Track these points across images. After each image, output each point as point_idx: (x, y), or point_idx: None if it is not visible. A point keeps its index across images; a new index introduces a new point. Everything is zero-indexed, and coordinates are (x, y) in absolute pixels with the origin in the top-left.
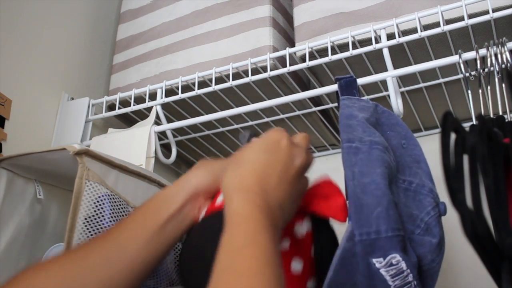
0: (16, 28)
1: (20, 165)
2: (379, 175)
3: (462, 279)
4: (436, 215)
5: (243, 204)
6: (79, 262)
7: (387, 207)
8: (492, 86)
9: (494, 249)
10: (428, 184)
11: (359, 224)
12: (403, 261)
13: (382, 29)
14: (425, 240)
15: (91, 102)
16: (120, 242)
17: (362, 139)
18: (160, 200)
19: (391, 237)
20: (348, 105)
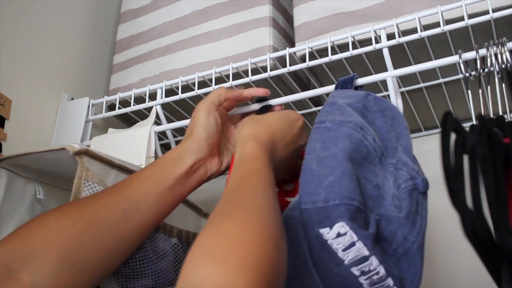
0: (16, 28)
1: (20, 165)
2: (339, 148)
3: (462, 279)
4: (407, 188)
5: (254, 148)
6: (99, 215)
7: (341, 177)
8: (492, 86)
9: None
10: (403, 157)
11: (306, 193)
12: (351, 230)
13: (382, 29)
14: (392, 215)
15: (91, 102)
16: (135, 199)
17: (334, 120)
18: (173, 157)
19: (338, 205)
20: (334, 95)
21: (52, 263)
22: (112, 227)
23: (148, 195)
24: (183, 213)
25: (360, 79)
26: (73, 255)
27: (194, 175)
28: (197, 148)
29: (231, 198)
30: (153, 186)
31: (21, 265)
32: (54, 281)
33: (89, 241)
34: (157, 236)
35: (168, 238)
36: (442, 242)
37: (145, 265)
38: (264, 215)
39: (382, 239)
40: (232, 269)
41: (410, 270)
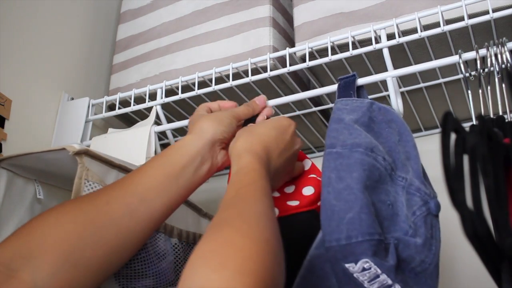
0: (16, 28)
1: (20, 165)
2: (354, 179)
3: (462, 279)
4: (422, 215)
5: (251, 160)
6: (101, 210)
7: (359, 212)
8: (492, 86)
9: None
10: (415, 182)
11: (329, 230)
12: (375, 265)
13: (382, 29)
14: (410, 241)
15: (91, 102)
16: (139, 192)
17: (344, 143)
18: (177, 148)
19: (361, 242)
20: (339, 108)
21: (54, 261)
22: (116, 222)
23: (153, 188)
24: (183, 213)
25: (360, 79)
26: (75, 252)
27: (202, 165)
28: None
29: (229, 208)
30: (158, 178)
31: (21, 264)
32: (56, 280)
33: (91, 237)
34: (157, 236)
35: (168, 238)
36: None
37: (146, 266)
38: (261, 224)
39: (401, 260)
40: (231, 275)
41: (428, 283)
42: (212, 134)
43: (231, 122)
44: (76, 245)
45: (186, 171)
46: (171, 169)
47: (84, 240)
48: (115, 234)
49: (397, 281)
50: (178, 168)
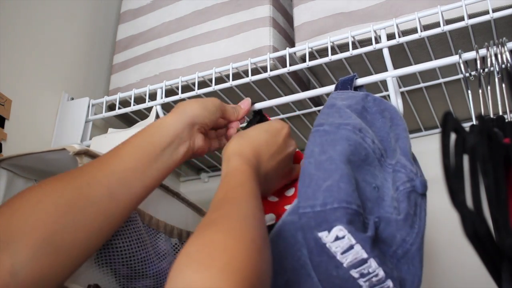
0: (16, 28)
1: (20, 165)
2: (337, 151)
3: (462, 279)
4: (405, 190)
5: (240, 163)
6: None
7: (339, 180)
8: (492, 86)
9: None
10: (401, 159)
11: (305, 197)
12: (349, 233)
13: (382, 29)
14: (391, 218)
15: (91, 102)
16: (119, 172)
17: (333, 122)
18: (157, 127)
19: (336, 209)
20: (334, 96)
21: (34, 245)
22: (96, 204)
23: (132, 169)
24: (183, 213)
25: (360, 79)
26: (55, 235)
27: (179, 146)
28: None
29: (216, 209)
30: (138, 158)
31: (1, 248)
32: (35, 263)
33: (72, 220)
34: (158, 236)
35: (168, 238)
36: (442, 242)
37: (146, 266)
38: (247, 224)
39: (381, 241)
40: (216, 274)
41: (410, 271)
42: (193, 116)
43: (215, 110)
44: (57, 228)
45: (166, 152)
46: (151, 150)
47: (64, 223)
48: (95, 216)
49: (373, 256)
50: (159, 149)
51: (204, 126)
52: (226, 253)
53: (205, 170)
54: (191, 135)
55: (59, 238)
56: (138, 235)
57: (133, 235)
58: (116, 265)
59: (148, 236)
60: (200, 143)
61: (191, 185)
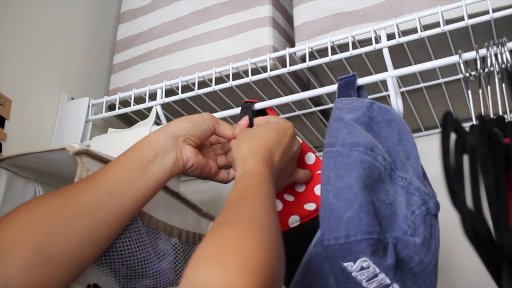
0: (16, 28)
1: (20, 165)
2: (353, 178)
3: (462, 279)
4: (421, 214)
5: (257, 163)
6: (69, 203)
7: (358, 210)
8: (492, 86)
9: (494, 249)
10: (415, 182)
11: (328, 229)
12: (373, 264)
13: (382, 29)
14: (409, 241)
15: (91, 102)
16: (107, 185)
17: (344, 142)
18: (142, 143)
19: (360, 241)
20: (339, 107)
21: (24, 257)
22: (84, 215)
23: (120, 181)
24: (183, 213)
25: (360, 79)
26: (46, 246)
27: (165, 158)
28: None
29: (231, 209)
30: (126, 172)
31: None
32: (27, 276)
33: (61, 231)
34: (157, 236)
35: (168, 238)
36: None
37: (146, 265)
38: (263, 224)
39: (399, 260)
40: (232, 272)
41: (426, 283)
42: (174, 128)
43: (201, 122)
44: (46, 239)
45: (153, 165)
46: (138, 163)
47: (54, 234)
48: (85, 227)
49: (396, 281)
50: (145, 162)
51: (191, 138)
52: (242, 252)
53: None
54: (177, 146)
55: (49, 249)
56: (138, 235)
57: (133, 235)
58: (116, 265)
59: (148, 236)
60: (190, 154)
61: (191, 185)
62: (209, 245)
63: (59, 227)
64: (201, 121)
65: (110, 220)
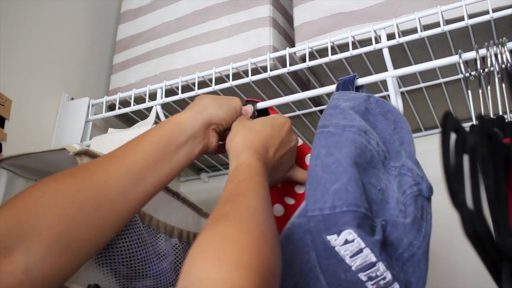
0: (16, 28)
1: (20, 165)
2: (344, 154)
3: (462, 279)
4: (412, 194)
5: (250, 157)
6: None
7: (347, 183)
8: (492, 86)
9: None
10: (408, 163)
11: (313, 200)
12: (359, 237)
13: (382, 29)
14: (398, 221)
15: (91, 102)
16: (135, 172)
17: (338, 124)
18: (174, 124)
19: (346, 212)
20: (336, 98)
21: (47, 244)
22: (110, 203)
23: (148, 167)
24: (183, 213)
25: (360, 79)
26: (68, 234)
27: (197, 145)
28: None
29: (226, 203)
30: (155, 155)
31: (15, 243)
32: (47, 262)
33: (86, 218)
34: (158, 236)
35: (169, 238)
36: (442, 242)
37: (146, 266)
38: (257, 217)
39: (388, 244)
40: (228, 267)
41: (415, 274)
42: (210, 115)
43: (234, 113)
44: (71, 226)
45: (181, 151)
46: (166, 148)
47: (78, 221)
48: (108, 214)
49: (382, 259)
50: (174, 147)
51: (220, 127)
52: (237, 247)
53: (205, 170)
54: (206, 134)
55: (71, 236)
56: (138, 236)
57: (133, 235)
58: (116, 265)
59: (148, 236)
60: (214, 143)
61: (191, 185)
62: (205, 241)
63: (85, 215)
64: (234, 111)
65: (133, 206)
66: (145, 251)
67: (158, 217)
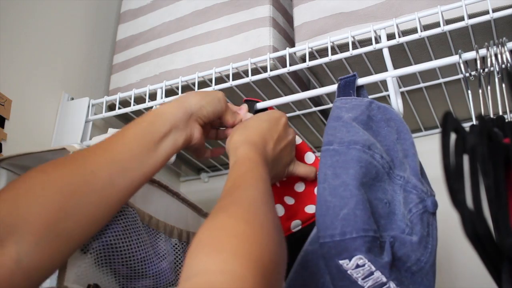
0: (16, 28)
1: (20, 165)
2: (350, 175)
3: (462, 279)
4: (418, 212)
5: (248, 150)
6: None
7: (354, 208)
8: (492, 86)
9: (494, 249)
10: (412, 180)
11: (323, 226)
12: (369, 262)
13: (382, 29)
14: (406, 239)
15: (91, 102)
16: (122, 162)
17: (342, 140)
18: (156, 115)
19: (355, 238)
20: (339, 106)
21: (37, 233)
22: (98, 193)
23: (134, 157)
24: (183, 213)
25: (360, 79)
26: (59, 224)
27: (179, 136)
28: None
29: (225, 197)
30: (140, 146)
31: (6, 234)
32: (38, 251)
33: (75, 208)
34: (158, 236)
35: (168, 238)
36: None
37: (146, 266)
38: (256, 208)
39: (396, 258)
40: (227, 257)
41: (424, 283)
42: (191, 105)
43: (217, 103)
44: (61, 215)
45: (164, 142)
46: (151, 138)
47: (68, 211)
48: (97, 204)
49: (392, 279)
50: (158, 137)
51: (202, 118)
52: (236, 238)
53: (205, 170)
54: (189, 124)
55: (61, 225)
56: (138, 235)
57: (133, 235)
58: (116, 265)
59: (148, 236)
60: (197, 135)
61: (191, 185)
62: (204, 234)
63: (74, 205)
64: (217, 101)
65: (120, 196)
66: (145, 251)
67: (158, 217)
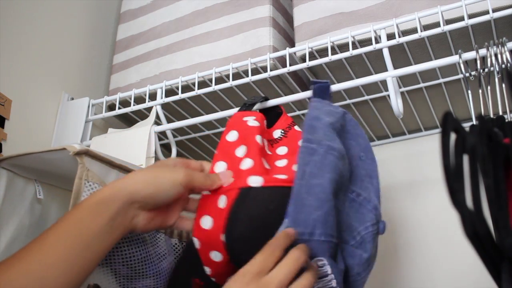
0: (16, 28)
1: (20, 165)
2: (328, 179)
3: (462, 279)
4: (373, 232)
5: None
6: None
7: (327, 213)
8: (492, 86)
9: (494, 249)
10: (374, 200)
11: (296, 223)
12: (328, 265)
13: (382, 29)
14: (356, 252)
15: (91, 102)
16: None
17: (321, 142)
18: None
19: (323, 242)
20: (317, 107)
21: None
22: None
23: (55, 265)
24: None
25: (360, 79)
26: None
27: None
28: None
29: None
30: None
31: None
32: None
33: None
34: (158, 236)
35: (168, 238)
36: (442, 242)
37: (146, 266)
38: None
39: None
40: None
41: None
42: (132, 193)
43: (170, 189)
44: None
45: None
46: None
47: None
48: None
49: (340, 286)
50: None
51: (148, 205)
52: None
53: None
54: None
55: None
56: (138, 235)
57: (133, 235)
58: (116, 265)
59: (148, 236)
60: (142, 222)
61: None
62: None
63: None
64: (170, 187)
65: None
66: (145, 251)
67: None
